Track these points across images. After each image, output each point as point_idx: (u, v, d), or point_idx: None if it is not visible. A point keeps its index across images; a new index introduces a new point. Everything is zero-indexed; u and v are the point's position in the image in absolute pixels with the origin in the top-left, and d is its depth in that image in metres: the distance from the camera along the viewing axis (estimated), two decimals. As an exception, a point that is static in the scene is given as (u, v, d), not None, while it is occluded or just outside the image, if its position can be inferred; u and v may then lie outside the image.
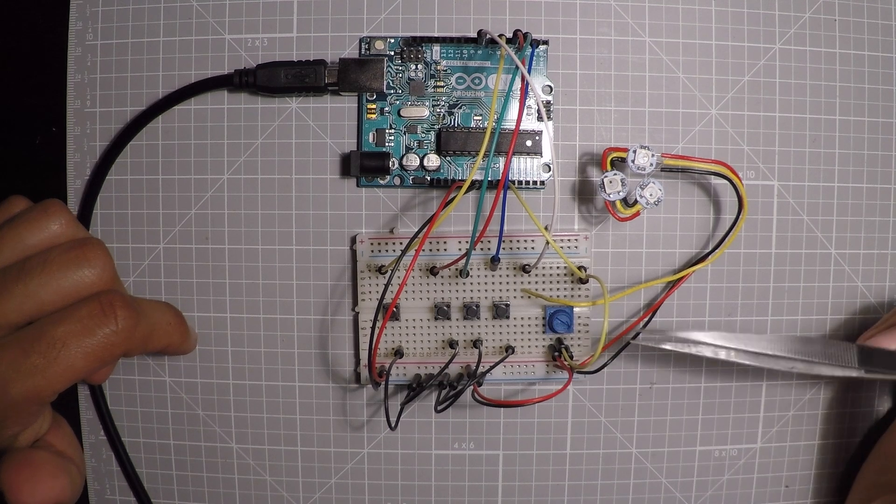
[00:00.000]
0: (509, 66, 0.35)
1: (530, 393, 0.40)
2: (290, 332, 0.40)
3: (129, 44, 0.39)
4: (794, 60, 0.39)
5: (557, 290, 0.39)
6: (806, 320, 0.40)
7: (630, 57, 0.39)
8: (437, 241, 0.38)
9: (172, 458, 0.40)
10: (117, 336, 0.32)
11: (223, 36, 0.39)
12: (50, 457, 0.34)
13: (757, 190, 0.39)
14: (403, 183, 0.39)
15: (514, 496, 0.40)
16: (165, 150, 0.39)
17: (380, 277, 0.39)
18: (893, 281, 0.40)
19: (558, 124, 0.39)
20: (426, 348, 0.39)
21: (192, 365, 0.40)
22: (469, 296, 0.39)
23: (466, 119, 0.38)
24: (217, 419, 0.40)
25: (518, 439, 0.40)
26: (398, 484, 0.40)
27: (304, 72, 0.38)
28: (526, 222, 0.39)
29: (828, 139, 0.39)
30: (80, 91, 0.39)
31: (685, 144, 0.39)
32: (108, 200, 0.40)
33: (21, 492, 0.32)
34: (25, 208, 0.35)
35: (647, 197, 0.35)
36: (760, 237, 0.39)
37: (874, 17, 0.39)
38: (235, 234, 0.40)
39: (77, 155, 0.40)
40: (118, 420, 0.40)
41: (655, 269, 0.39)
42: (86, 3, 0.39)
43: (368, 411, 0.40)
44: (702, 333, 0.35)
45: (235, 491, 0.41)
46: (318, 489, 0.40)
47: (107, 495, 0.41)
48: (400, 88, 0.38)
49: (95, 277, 0.33)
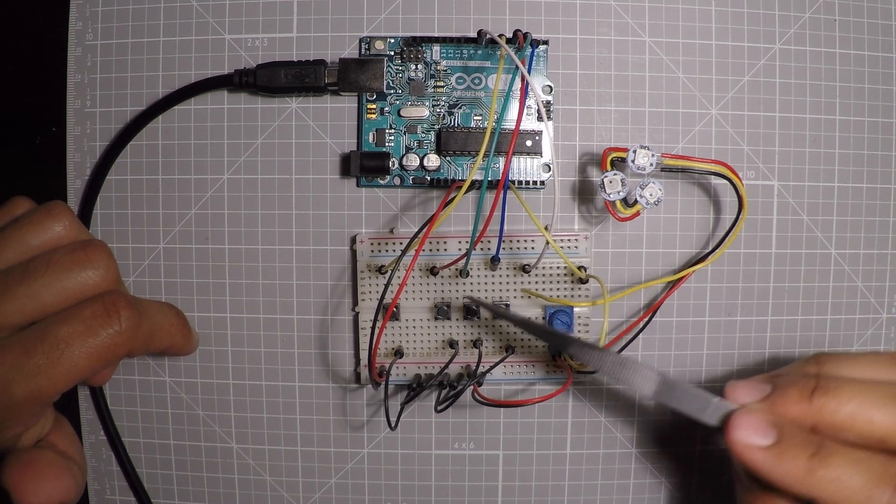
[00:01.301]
0: (509, 66, 0.35)
1: (530, 393, 0.40)
2: (290, 332, 0.40)
3: (129, 44, 0.39)
4: (794, 60, 0.39)
5: (557, 290, 0.39)
6: (806, 320, 0.40)
7: (630, 57, 0.39)
8: (437, 241, 0.39)
9: (172, 458, 0.40)
10: (120, 336, 0.32)
11: (223, 36, 0.39)
12: (53, 457, 0.34)
13: (757, 190, 0.39)
14: (403, 183, 0.39)
15: (514, 496, 0.40)
16: (165, 150, 0.39)
17: (380, 277, 0.39)
18: (893, 281, 0.40)
19: (558, 124, 0.39)
20: (426, 348, 0.39)
21: (192, 365, 0.40)
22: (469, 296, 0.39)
23: (466, 119, 0.38)
24: (217, 419, 0.40)
25: (518, 439, 0.40)
26: (398, 484, 0.40)
27: (304, 72, 0.38)
28: (526, 222, 0.39)
29: (828, 139, 0.39)
30: (80, 91, 0.39)
31: (685, 144, 0.39)
32: (108, 200, 0.40)
33: (25, 492, 0.32)
34: (29, 209, 0.35)
35: (647, 197, 0.35)
36: (760, 237, 0.39)
37: (874, 17, 0.39)
38: (235, 234, 0.40)
39: (77, 155, 0.40)
40: (118, 420, 0.40)
41: (655, 269, 0.39)
42: (86, 3, 0.39)
43: (368, 411, 0.40)
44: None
45: (235, 491, 0.41)
46: (318, 489, 0.40)
47: (107, 495, 0.41)
48: (400, 88, 0.38)
49: (98, 279, 0.33)
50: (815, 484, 0.29)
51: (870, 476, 0.28)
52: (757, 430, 0.30)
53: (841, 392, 0.30)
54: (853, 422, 0.29)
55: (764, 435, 0.30)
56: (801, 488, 0.29)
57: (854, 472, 0.28)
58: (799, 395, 0.30)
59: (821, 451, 0.29)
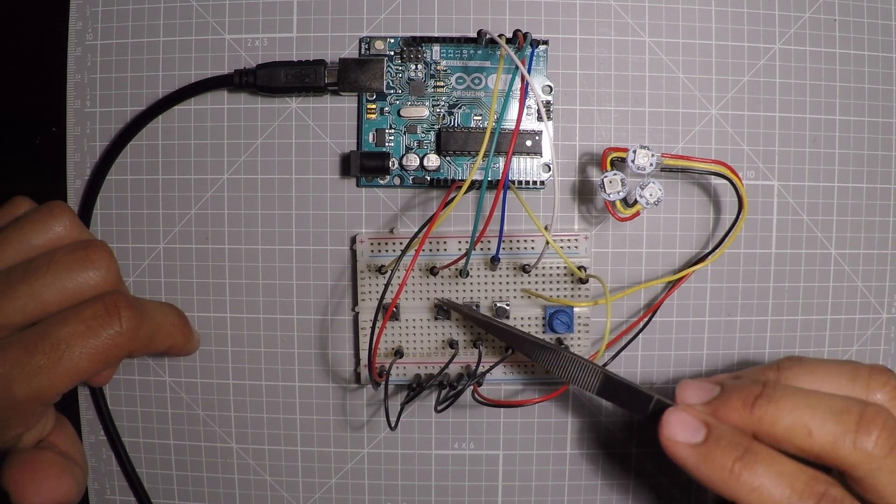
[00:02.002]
0: (509, 66, 0.35)
1: (530, 393, 0.40)
2: (290, 332, 0.40)
3: (129, 44, 0.39)
4: (794, 60, 0.39)
5: (557, 290, 0.39)
6: (806, 320, 0.40)
7: (630, 57, 0.39)
8: (437, 241, 0.39)
9: (172, 458, 0.40)
10: (121, 337, 0.32)
11: (223, 36, 0.39)
12: (54, 457, 0.34)
13: (757, 190, 0.39)
14: (403, 183, 0.39)
15: (514, 496, 0.40)
16: (165, 150, 0.39)
17: (380, 277, 0.39)
18: (893, 281, 0.40)
19: (558, 124, 0.39)
20: (426, 348, 0.39)
21: (192, 365, 0.40)
22: (469, 296, 0.39)
23: (466, 119, 0.38)
24: (217, 419, 0.40)
25: (518, 439, 0.40)
26: (398, 484, 0.40)
27: (304, 72, 0.38)
28: (526, 222, 0.39)
29: (828, 139, 0.39)
30: (80, 91, 0.39)
31: (685, 144, 0.39)
32: (108, 200, 0.40)
33: (25, 492, 0.32)
34: (30, 209, 0.35)
35: (647, 197, 0.35)
36: (760, 237, 0.39)
37: (874, 17, 0.39)
38: (235, 234, 0.40)
39: (77, 155, 0.40)
40: (118, 420, 0.40)
41: (655, 269, 0.39)
42: (86, 3, 0.39)
43: (368, 411, 0.40)
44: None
45: (235, 491, 0.41)
46: (318, 489, 0.40)
47: (107, 495, 0.41)
48: (400, 88, 0.38)
49: (99, 279, 0.33)
50: (739, 488, 0.28)
51: (792, 490, 0.28)
52: (686, 427, 0.30)
53: (784, 402, 0.29)
54: (791, 434, 0.29)
55: (693, 432, 0.30)
56: (724, 490, 0.29)
57: (777, 484, 0.28)
58: (741, 402, 0.30)
59: (746, 456, 0.28)
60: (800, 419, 0.29)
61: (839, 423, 0.28)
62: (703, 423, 0.30)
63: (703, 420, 0.30)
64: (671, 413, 0.30)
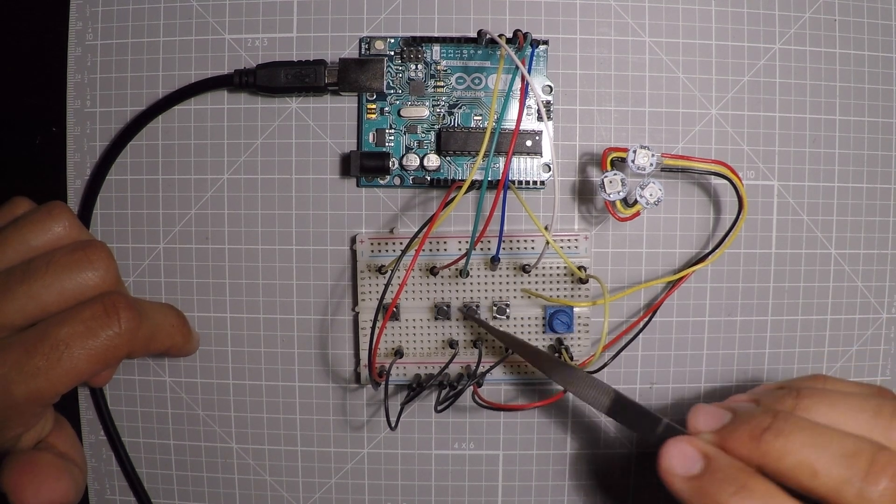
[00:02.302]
0: (509, 66, 0.35)
1: (530, 393, 0.40)
2: (290, 332, 0.40)
3: (129, 44, 0.39)
4: (794, 60, 0.39)
5: (557, 290, 0.39)
6: (806, 320, 0.40)
7: (630, 57, 0.39)
8: (437, 241, 0.39)
9: (172, 458, 0.40)
10: (120, 338, 0.32)
11: (223, 36, 0.39)
12: (53, 459, 0.34)
13: (757, 190, 0.39)
14: (403, 183, 0.39)
15: (514, 496, 0.40)
16: (165, 150, 0.39)
17: (380, 277, 0.39)
18: (893, 281, 0.40)
19: (558, 124, 0.39)
20: (426, 348, 0.39)
21: (192, 365, 0.40)
22: (469, 296, 0.39)
23: (466, 119, 0.38)
24: (217, 419, 0.40)
25: (518, 439, 0.40)
26: (398, 484, 0.40)
27: (304, 72, 0.38)
28: (526, 222, 0.39)
29: (828, 139, 0.39)
30: (80, 91, 0.39)
31: (685, 144, 0.39)
32: (108, 200, 0.40)
33: (24, 494, 0.32)
34: (29, 210, 0.35)
35: (647, 197, 0.35)
36: (760, 237, 0.39)
37: (874, 17, 0.39)
38: (235, 234, 0.40)
39: (77, 155, 0.40)
40: (118, 420, 0.40)
41: (655, 269, 0.39)
42: (86, 3, 0.39)
43: (368, 411, 0.40)
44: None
45: (235, 491, 0.41)
46: (318, 489, 0.40)
47: (107, 495, 0.41)
48: (400, 88, 0.38)
49: (99, 280, 0.33)
50: None
51: None
52: (685, 458, 0.29)
53: (793, 438, 0.28)
54: (796, 473, 0.28)
55: (691, 465, 0.29)
56: None
57: None
58: (749, 434, 0.29)
59: (742, 492, 0.28)
60: (806, 458, 0.28)
61: (848, 467, 0.27)
62: (702, 455, 0.29)
63: (704, 451, 0.29)
64: (671, 443, 0.30)
